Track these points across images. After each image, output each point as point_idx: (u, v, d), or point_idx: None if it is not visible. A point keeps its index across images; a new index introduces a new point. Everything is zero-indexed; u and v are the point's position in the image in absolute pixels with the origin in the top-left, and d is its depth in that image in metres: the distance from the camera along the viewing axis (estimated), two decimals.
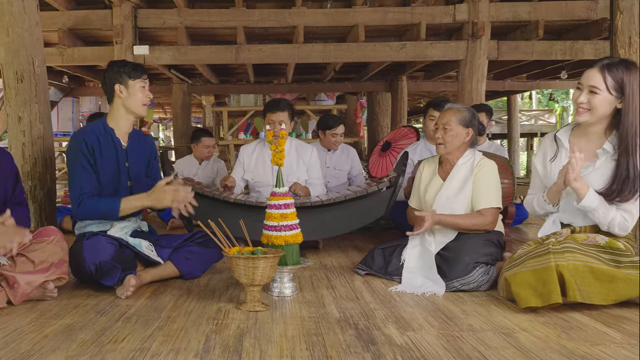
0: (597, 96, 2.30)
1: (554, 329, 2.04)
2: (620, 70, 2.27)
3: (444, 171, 2.99)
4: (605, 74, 2.28)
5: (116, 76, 2.74)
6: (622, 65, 2.29)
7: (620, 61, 2.31)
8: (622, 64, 2.29)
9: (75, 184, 2.68)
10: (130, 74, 2.74)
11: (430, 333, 2.02)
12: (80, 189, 2.66)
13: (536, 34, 5.61)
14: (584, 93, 2.34)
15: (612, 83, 2.28)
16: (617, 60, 2.32)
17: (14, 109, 3.00)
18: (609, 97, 2.30)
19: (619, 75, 2.27)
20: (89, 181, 2.68)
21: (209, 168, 4.96)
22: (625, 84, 2.27)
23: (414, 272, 2.77)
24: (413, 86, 9.23)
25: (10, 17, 2.96)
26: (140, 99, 2.77)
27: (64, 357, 1.80)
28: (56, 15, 4.95)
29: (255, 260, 2.28)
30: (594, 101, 2.31)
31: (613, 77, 2.27)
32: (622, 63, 2.30)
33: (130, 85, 2.74)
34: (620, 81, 2.27)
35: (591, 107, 2.33)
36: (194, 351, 1.85)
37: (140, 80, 2.76)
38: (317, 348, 1.87)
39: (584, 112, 2.35)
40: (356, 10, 5.43)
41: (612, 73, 2.27)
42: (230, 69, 7.58)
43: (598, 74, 2.30)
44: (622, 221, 2.33)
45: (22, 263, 2.40)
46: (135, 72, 2.75)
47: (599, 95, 2.30)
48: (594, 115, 2.35)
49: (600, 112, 2.33)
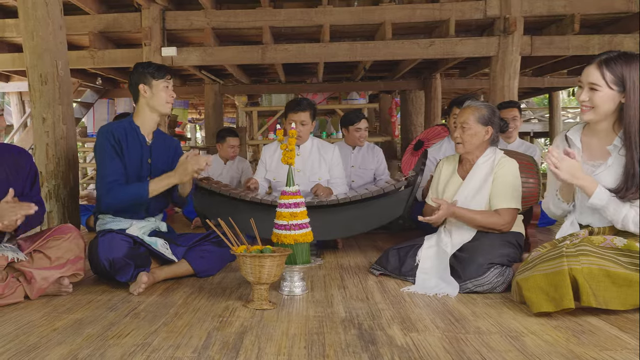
0: (597, 93, 2.22)
1: (565, 333, 1.97)
2: (619, 64, 2.19)
3: (463, 170, 2.92)
4: (604, 70, 2.20)
5: (140, 77, 2.83)
6: (621, 58, 2.20)
7: (619, 55, 2.22)
8: (621, 58, 2.20)
9: (105, 173, 2.75)
10: (154, 75, 2.83)
11: (434, 334, 1.98)
12: (109, 177, 2.74)
13: (572, 29, 5.42)
14: (584, 91, 2.26)
15: (611, 78, 2.20)
16: (616, 54, 2.23)
17: (38, 110, 3.10)
18: (610, 93, 2.21)
19: (618, 70, 2.18)
20: (117, 169, 2.76)
21: (234, 168, 5.00)
22: (626, 77, 2.18)
23: (428, 273, 2.72)
24: (447, 84, 9.06)
25: (34, 21, 3.06)
26: (163, 97, 2.85)
27: (68, 350, 1.84)
28: (87, 19, 5.09)
29: (261, 259, 2.28)
30: (595, 98, 2.23)
31: (612, 72, 2.19)
32: (621, 56, 2.21)
33: (154, 85, 2.83)
34: (620, 75, 2.18)
35: (594, 105, 2.25)
36: (193, 347, 1.86)
37: (163, 80, 2.84)
38: (316, 347, 1.86)
39: (588, 110, 2.28)
40: (383, 7, 5.37)
41: (610, 68, 2.19)
42: (261, 69, 7.63)
43: (596, 70, 2.22)
44: (636, 218, 2.21)
45: (39, 259, 2.48)
46: (159, 73, 2.83)
47: (600, 91, 2.22)
48: (598, 113, 2.26)
49: (604, 108, 2.25)
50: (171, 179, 2.75)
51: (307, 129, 3.78)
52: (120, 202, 2.76)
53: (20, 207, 2.33)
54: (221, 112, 8.26)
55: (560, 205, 2.46)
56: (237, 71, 7.07)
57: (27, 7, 3.05)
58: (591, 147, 2.36)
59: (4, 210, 2.30)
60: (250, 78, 8.18)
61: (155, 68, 2.85)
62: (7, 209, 2.30)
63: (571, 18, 5.41)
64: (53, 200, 3.16)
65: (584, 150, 2.38)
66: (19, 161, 2.62)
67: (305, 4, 5.51)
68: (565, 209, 2.45)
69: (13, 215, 2.30)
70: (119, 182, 2.74)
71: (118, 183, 2.73)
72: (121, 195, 2.73)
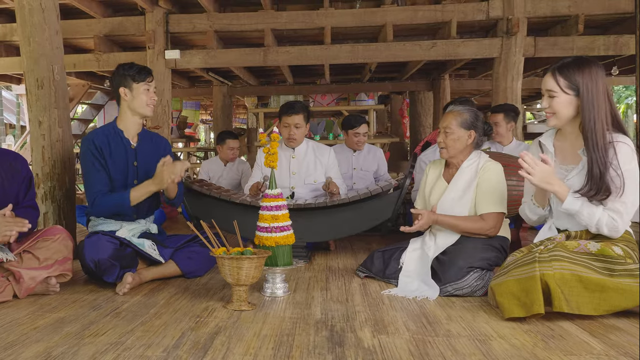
0: (555, 99, 2.31)
1: (533, 337, 1.97)
2: (571, 69, 2.27)
3: (449, 174, 2.93)
4: (557, 76, 2.29)
5: (121, 79, 2.86)
6: (573, 64, 2.28)
7: (572, 60, 2.30)
8: (573, 63, 2.28)
9: (89, 184, 2.83)
10: (135, 77, 2.84)
11: (402, 337, 2.00)
12: (93, 188, 2.80)
13: (576, 29, 5.37)
14: (544, 98, 2.35)
15: (565, 83, 2.28)
16: (570, 60, 2.30)
17: (34, 114, 3.19)
18: (566, 98, 2.29)
19: (571, 75, 2.26)
20: (100, 180, 2.81)
21: (234, 169, 5.06)
22: (579, 82, 2.25)
23: (411, 275, 2.74)
24: (456, 85, 9.02)
25: (31, 27, 3.14)
26: (144, 100, 2.86)
27: (44, 347, 1.91)
28: (93, 22, 5.20)
29: (239, 261, 2.32)
30: (554, 104, 2.32)
31: (565, 77, 2.27)
32: (573, 62, 2.29)
33: (134, 88, 2.85)
34: (573, 80, 2.26)
35: (554, 111, 2.33)
36: (164, 346, 1.91)
37: (144, 83, 2.85)
38: (283, 348, 1.89)
39: (550, 116, 2.36)
40: (385, 9, 5.38)
41: (563, 74, 2.28)
42: (268, 71, 7.69)
43: (551, 78, 2.32)
44: (610, 221, 2.23)
45: (28, 259, 2.56)
46: (139, 76, 2.84)
47: (557, 97, 2.30)
48: (559, 118, 2.34)
49: (564, 113, 2.32)
50: (150, 187, 2.77)
51: (301, 131, 3.81)
52: (105, 211, 2.83)
53: (15, 224, 2.41)
54: (230, 114, 8.34)
55: (536, 211, 2.47)
56: (244, 73, 7.14)
57: (24, 13, 3.14)
58: (564, 151, 2.39)
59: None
60: (258, 80, 8.25)
61: (135, 71, 2.85)
62: (3, 224, 2.38)
63: (575, 19, 5.36)
64: (49, 201, 3.24)
65: (557, 154, 2.41)
66: (15, 166, 2.70)
67: (308, 7, 5.55)
68: (541, 213, 2.46)
69: (8, 231, 2.39)
70: (102, 192, 2.79)
71: (101, 193, 2.78)
72: (105, 206, 2.79)
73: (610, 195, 2.22)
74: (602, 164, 2.21)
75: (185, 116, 9.19)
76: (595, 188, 2.21)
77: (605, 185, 2.20)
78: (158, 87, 5.25)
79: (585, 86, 2.25)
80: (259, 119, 7.25)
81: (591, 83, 2.25)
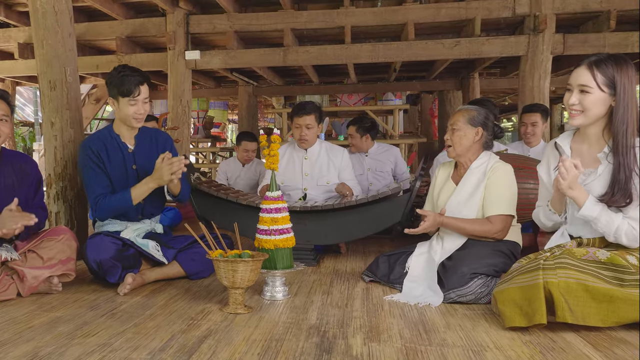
0: (588, 95, 2.12)
1: (532, 349, 1.88)
2: (610, 66, 2.09)
3: (457, 175, 2.84)
4: (595, 71, 2.10)
5: (110, 89, 2.83)
6: (611, 60, 2.10)
7: (609, 56, 2.12)
8: (611, 59, 2.10)
9: (89, 189, 2.83)
10: (120, 91, 2.77)
11: (394, 345, 1.93)
12: (94, 192, 2.81)
13: (608, 25, 5.16)
14: (574, 94, 2.16)
15: (602, 79, 2.09)
16: (606, 56, 2.12)
17: (47, 115, 3.24)
18: (601, 95, 2.11)
19: (609, 71, 2.08)
20: (100, 183, 2.82)
21: (252, 170, 5.05)
22: (617, 80, 2.08)
23: (416, 281, 2.67)
24: (486, 84, 8.79)
25: (44, 30, 3.19)
26: (129, 115, 2.81)
27: (33, 347, 1.92)
28: (115, 24, 5.28)
29: (234, 264, 2.30)
30: (586, 101, 2.13)
31: (603, 74, 2.09)
32: (611, 58, 2.11)
33: (120, 101, 2.81)
34: (612, 77, 2.08)
35: (584, 108, 2.14)
36: (150, 349, 1.90)
37: (129, 98, 2.77)
38: (269, 354, 1.85)
39: (578, 114, 2.17)
40: (407, 7, 5.27)
41: (601, 69, 2.09)
42: (292, 70, 7.66)
43: (587, 72, 2.12)
44: (629, 230, 2.09)
45: (32, 259, 2.60)
46: (125, 89, 2.75)
47: (591, 94, 2.11)
48: (588, 117, 2.16)
49: (594, 112, 2.14)
50: (150, 184, 2.76)
51: (313, 132, 3.76)
52: (109, 213, 2.84)
53: (21, 217, 2.45)
54: (255, 114, 8.35)
55: (552, 217, 2.36)
56: (268, 73, 7.13)
57: (37, 16, 3.19)
58: (582, 153, 2.25)
59: (5, 218, 2.43)
60: (283, 80, 8.24)
61: (122, 84, 2.74)
62: (9, 218, 2.43)
63: (607, 14, 5.14)
64: (60, 201, 3.29)
65: (574, 157, 2.26)
66: (25, 168, 2.75)
67: (328, 5, 5.50)
68: (557, 220, 2.35)
69: (13, 224, 2.42)
70: (103, 195, 2.79)
71: (103, 196, 2.79)
72: (108, 208, 2.79)
73: (631, 203, 2.10)
74: (629, 169, 2.08)
75: (211, 116, 9.26)
76: (620, 194, 2.08)
77: (628, 192, 2.08)
78: (178, 87, 5.31)
79: (622, 85, 2.09)
80: (283, 119, 7.23)
81: (628, 83, 2.10)
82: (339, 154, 3.93)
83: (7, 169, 2.66)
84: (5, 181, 2.63)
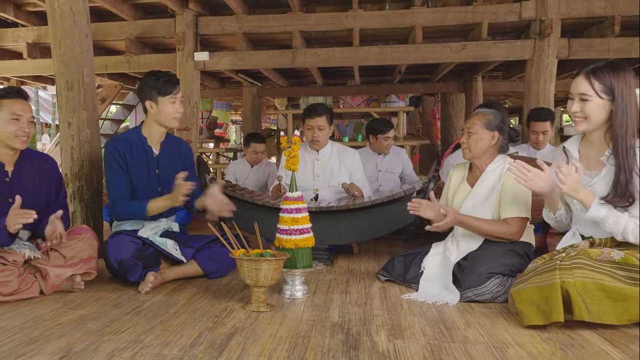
0: (589, 103, 2.22)
1: (552, 346, 1.93)
2: (607, 73, 2.19)
3: (472, 177, 2.89)
4: (592, 79, 2.21)
5: (148, 92, 2.88)
6: (607, 67, 2.20)
7: (606, 64, 2.21)
8: (607, 67, 2.20)
9: (110, 188, 2.89)
10: (160, 91, 2.86)
11: (418, 342, 1.98)
12: (113, 192, 2.87)
13: (612, 31, 5.22)
14: (575, 102, 2.27)
15: (600, 87, 2.20)
16: (603, 64, 2.22)
17: (64, 115, 3.27)
18: (601, 102, 2.21)
19: (606, 79, 2.19)
20: (121, 185, 2.87)
21: (261, 171, 5.08)
22: (614, 86, 2.18)
23: (432, 280, 2.71)
24: (489, 86, 8.87)
25: (62, 31, 3.23)
26: (170, 114, 2.89)
27: (66, 343, 1.96)
28: (124, 25, 5.30)
29: (257, 263, 2.34)
30: (587, 109, 2.23)
31: (600, 81, 2.19)
32: (607, 65, 2.20)
33: (160, 101, 2.87)
34: (609, 84, 2.19)
35: (586, 115, 2.25)
36: (181, 345, 1.94)
37: (170, 96, 2.86)
38: (297, 350, 1.90)
39: (581, 121, 2.27)
40: (414, 11, 5.33)
41: (598, 77, 2.20)
42: (297, 72, 7.71)
43: (584, 81, 2.23)
44: (635, 229, 2.17)
45: (55, 258, 2.63)
46: (165, 89, 2.85)
47: (591, 101, 2.22)
48: (591, 123, 2.26)
49: (596, 118, 2.24)
50: (167, 202, 2.81)
51: (324, 133, 3.81)
52: (123, 217, 2.91)
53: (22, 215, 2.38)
54: (259, 114, 8.39)
55: (549, 216, 2.47)
56: (273, 74, 7.17)
57: (55, 17, 3.22)
58: (588, 157, 2.34)
59: (11, 216, 2.42)
60: (288, 81, 8.28)
61: (162, 83, 2.85)
62: (12, 215, 2.41)
63: (611, 20, 5.21)
64: (77, 200, 3.32)
65: (582, 160, 2.36)
66: (46, 167, 2.79)
67: (336, 8, 5.55)
68: (552, 217, 2.46)
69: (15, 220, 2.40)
70: (121, 197, 2.85)
71: (120, 198, 2.84)
72: (124, 212, 2.87)
73: (634, 202, 2.17)
74: (629, 171, 2.16)
75: (215, 117, 9.29)
76: (621, 194, 2.16)
77: (629, 192, 2.15)
78: (187, 88, 5.34)
79: (620, 91, 2.18)
80: (288, 120, 7.27)
81: (625, 88, 2.19)
82: (350, 156, 3.97)
83: (28, 167, 2.70)
84: (27, 180, 2.66)
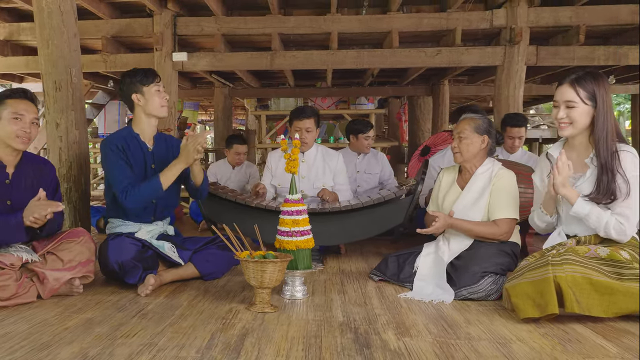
0: (575, 109, 2.42)
1: (551, 341, 2.05)
2: (589, 81, 2.40)
3: (462, 180, 3.01)
4: (577, 87, 2.41)
5: (131, 87, 2.91)
6: (589, 76, 2.42)
7: (586, 73, 2.44)
8: (589, 76, 2.42)
9: (117, 181, 2.82)
10: (143, 81, 2.90)
11: (426, 340, 2.07)
12: (122, 183, 2.81)
13: (577, 39, 5.48)
14: (561, 109, 2.46)
15: (585, 94, 2.41)
16: (584, 73, 2.44)
17: (52, 116, 3.22)
18: (586, 108, 2.42)
19: (589, 86, 2.40)
20: (127, 174, 2.84)
21: (242, 173, 5.10)
22: (596, 93, 2.39)
23: (425, 279, 2.81)
24: (455, 90, 9.13)
25: (50, 30, 3.18)
26: (157, 102, 2.93)
27: (79, 348, 1.95)
28: (100, 23, 5.21)
29: (263, 264, 2.38)
30: (573, 114, 2.43)
31: (584, 89, 2.40)
32: (589, 74, 2.43)
33: (145, 92, 2.90)
34: (592, 91, 2.40)
35: (572, 121, 2.44)
36: (197, 347, 1.97)
37: (153, 84, 2.91)
38: (313, 349, 1.95)
39: (566, 126, 2.46)
40: (391, 16, 5.44)
41: (582, 85, 2.41)
42: (270, 73, 7.73)
43: (570, 89, 2.43)
44: (617, 225, 2.36)
45: (52, 261, 2.60)
46: (147, 78, 2.91)
47: (577, 108, 2.42)
48: (577, 128, 2.46)
49: (581, 123, 2.44)
50: (177, 166, 2.80)
51: (312, 135, 3.87)
52: (140, 202, 2.83)
53: (49, 205, 2.48)
54: (230, 115, 8.38)
55: (544, 218, 2.60)
56: (247, 76, 7.18)
57: (43, 16, 3.17)
58: (572, 160, 2.50)
59: (34, 206, 2.46)
60: (260, 82, 8.29)
61: (142, 74, 2.91)
62: (38, 206, 2.46)
63: (577, 29, 5.46)
64: (65, 202, 3.27)
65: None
66: (44, 171, 2.77)
67: (315, 12, 5.61)
68: (548, 221, 2.60)
69: (43, 211, 2.45)
70: (131, 184, 2.81)
71: (130, 185, 2.80)
72: (139, 196, 2.79)
73: (616, 200, 2.36)
74: (611, 170, 2.36)
75: (185, 117, 9.21)
76: (603, 192, 2.36)
77: (611, 190, 2.35)
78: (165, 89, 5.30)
79: (601, 97, 2.39)
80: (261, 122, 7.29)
81: (605, 95, 2.41)
82: (334, 158, 4.05)
83: (28, 170, 2.68)
84: (26, 182, 2.64)
